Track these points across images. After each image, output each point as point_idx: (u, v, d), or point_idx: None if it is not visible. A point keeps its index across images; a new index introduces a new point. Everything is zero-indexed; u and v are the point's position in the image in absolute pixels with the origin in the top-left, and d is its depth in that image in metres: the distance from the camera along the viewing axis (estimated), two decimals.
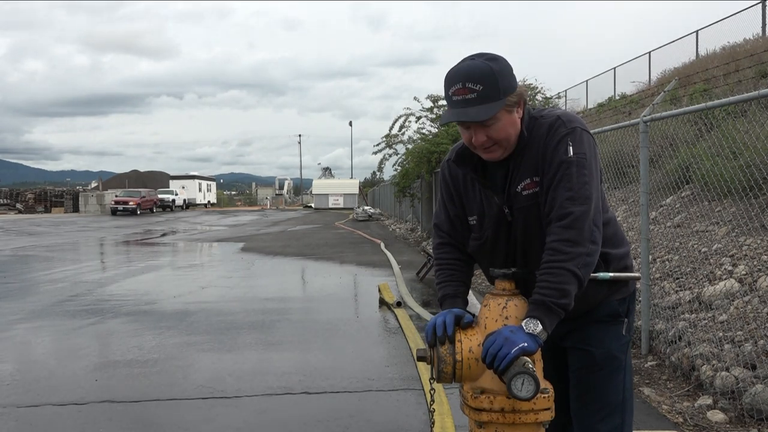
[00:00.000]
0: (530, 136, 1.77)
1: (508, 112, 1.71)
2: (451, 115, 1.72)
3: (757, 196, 5.58)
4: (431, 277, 9.53)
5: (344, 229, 23.87)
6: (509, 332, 1.58)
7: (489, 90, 1.66)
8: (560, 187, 1.67)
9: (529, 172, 1.76)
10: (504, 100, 1.68)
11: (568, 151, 1.69)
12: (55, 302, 7.85)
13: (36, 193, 46.35)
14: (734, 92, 8.10)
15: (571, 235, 1.63)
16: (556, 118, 1.76)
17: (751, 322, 4.21)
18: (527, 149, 1.77)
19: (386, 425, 3.66)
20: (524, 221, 1.79)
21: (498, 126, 1.71)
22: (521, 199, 1.77)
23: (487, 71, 1.68)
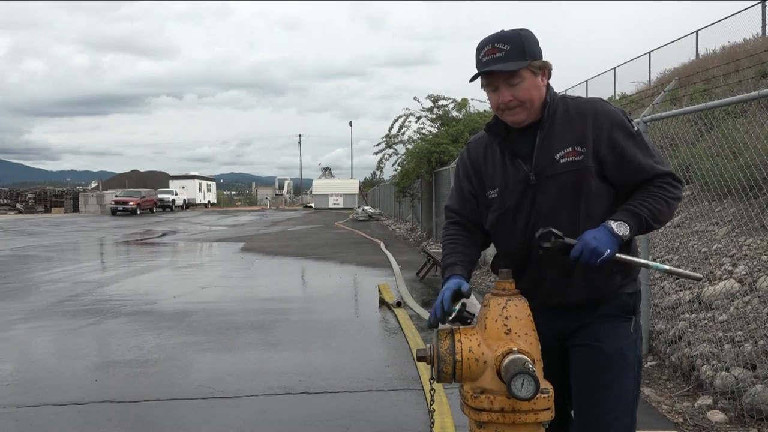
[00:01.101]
0: (565, 109, 1.89)
1: (533, 74, 1.83)
2: (480, 71, 1.84)
3: (757, 196, 5.58)
4: (431, 277, 9.54)
5: (344, 229, 23.87)
6: (599, 233, 1.73)
7: (515, 50, 1.80)
8: (642, 155, 1.83)
9: (571, 141, 1.84)
10: (529, 62, 1.81)
11: (633, 126, 1.87)
12: (55, 302, 7.85)
13: (36, 193, 46.35)
14: (734, 92, 8.10)
15: (674, 183, 1.84)
16: (600, 100, 1.92)
17: (751, 322, 4.21)
18: (563, 120, 1.87)
19: (386, 425, 3.66)
20: (556, 189, 1.84)
21: (523, 85, 1.82)
22: (558, 166, 1.84)
23: (513, 34, 1.83)
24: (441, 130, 16.37)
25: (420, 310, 6.90)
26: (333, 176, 65.51)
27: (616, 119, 1.85)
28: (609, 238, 1.72)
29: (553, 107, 1.89)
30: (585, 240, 1.72)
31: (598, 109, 1.87)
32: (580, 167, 1.82)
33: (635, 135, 1.85)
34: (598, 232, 1.73)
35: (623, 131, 1.84)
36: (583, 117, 1.86)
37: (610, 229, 1.73)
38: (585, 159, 1.82)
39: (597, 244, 1.71)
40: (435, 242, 15.40)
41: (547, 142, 1.86)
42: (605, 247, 1.71)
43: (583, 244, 1.72)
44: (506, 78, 1.82)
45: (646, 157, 1.84)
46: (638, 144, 1.84)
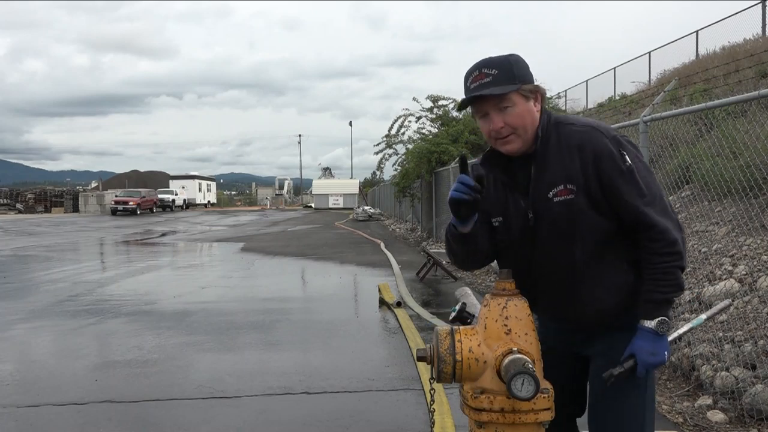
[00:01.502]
0: (557, 139, 1.78)
1: (524, 98, 1.76)
2: (468, 97, 1.78)
3: (757, 196, 5.58)
4: (431, 277, 9.54)
5: (344, 229, 23.87)
6: (652, 346, 1.71)
7: (503, 74, 1.74)
8: (633, 196, 1.71)
9: (561, 178, 1.75)
10: (519, 86, 1.74)
11: (625, 160, 1.72)
12: (55, 302, 7.85)
13: (36, 193, 46.35)
14: (734, 92, 8.10)
15: (667, 237, 1.71)
16: (591, 128, 1.77)
17: (751, 322, 4.21)
18: (555, 152, 1.77)
19: (386, 425, 3.66)
20: (553, 227, 1.78)
21: (515, 111, 1.75)
22: (552, 205, 1.76)
23: (501, 59, 1.77)
24: (441, 130, 16.37)
25: (420, 310, 6.90)
26: (333, 176, 65.51)
27: (605, 152, 1.73)
28: (659, 345, 1.72)
29: (546, 137, 1.79)
30: (645, 361, 1.71)
31: (586, 140, 1.75)
32: (573, 207, 1.74)
33: (624, 171, 1.72)
34: (649, 344, 1.71)
35: (611, 166, 1.72)
36: (571, 150, 1.76)
37: (655, 333, 1.71)
38: (577, 197, 1.74)
39: (656, 360, 1.72)
40: (435, 242, 15.39)
41: (541, 178, 1.79)
42: (662, 356, 1.72)
43: (645, 365, 1.72)
44: (496, 103, 1.75)
45: (635, 196, 1.72)
46: (628, 180, 1.72)
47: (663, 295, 1.71)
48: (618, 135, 1.78)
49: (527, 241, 1.83)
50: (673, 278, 1.72)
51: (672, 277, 1.71)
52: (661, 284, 1.71)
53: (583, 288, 1.81)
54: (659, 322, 1.71)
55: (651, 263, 1.73)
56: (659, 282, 1.71)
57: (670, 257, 1.71)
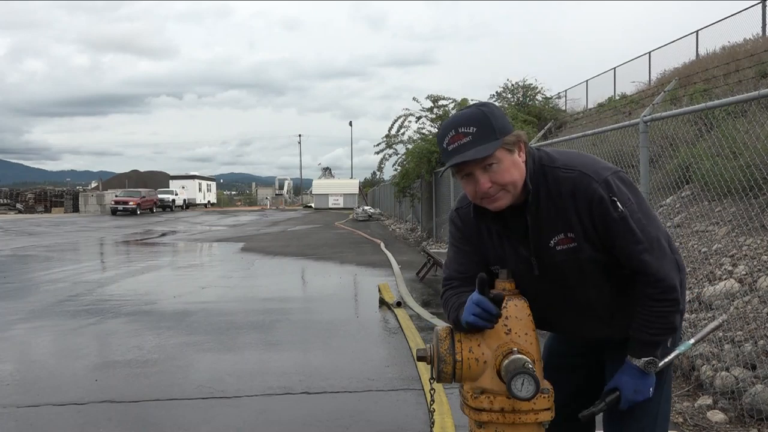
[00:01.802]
0: (547, 186, 1.69)
1: (508, 152, 1.64)
2: (450, 161, 1.65)
3: (757, 196, 5.57)
4: (431, 277, 9.54)
5: (344, 229, 23.87)
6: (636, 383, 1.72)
7: (483, 130, 1.61)
8: (628, 243, 1.64)
9: (560, 227, 1.69)
10: (501, 140, 1.62)
11: (617, 208, 1.63)
12: (55, 302, 7.85)
13: (36, 193, 46.34)
14: (734, 92, 8.10)
15: (664, 285, 1.66)
16: (580, 174, 1.67)
17: (751, 322, 4.21)
18: (547, 200, 1.69)
19: (386, 425, 3.66)
20: (562, 275, 1.73)
21: (501, 167, 1.63)
22: (556, 254, 1.71)
23: (476, 114, 1.63)
24: None
25: (420, 310, 6.90)
26: (333, 176, 65.52)
27: (595, 199, 1.63)
28: (644, 382, 1.72)
29: (536, 185, 1.69)
30: (628, 398, 1.73)
31: (577, 187, 1.65)
32: (580, 256, 1.69)
33: (617, 220, 1.63)
34: (634, 381, 1.72)
35: (604, 213, 1.64)
36: (564, 199, 1.67)
37: (641, 371, 1.71)
38: (579, 245, 1.68)
39: (639, 397, 1.73)
40: (435, 242, 15.39)
41: (539, 228, 1.71)
42: (646, 393, 1.73)
43: (628, 401, 1.73)
44: (479, 163, 1.62)
45: (630, 244, 1.64)
46: (622, 228, 1.64)
47: (651, 336, 1.69)
48: (609, 175, 1.66)
49: (532, 286, 1.77)
50: (666, 321, 1.69)
51: (665, 320, 1.68)
52: (653, 326, 1.69)
53: (603, 326, 1.81)
54: (647, 362, 1.70)
55: (645, 305, 1.69)
56: (651, 324, 1.68)
57: (667, 303, 1.67)
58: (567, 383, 1.92)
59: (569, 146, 8.73)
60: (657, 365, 1.71)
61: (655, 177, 7.54)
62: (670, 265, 1.66)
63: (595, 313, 1.79)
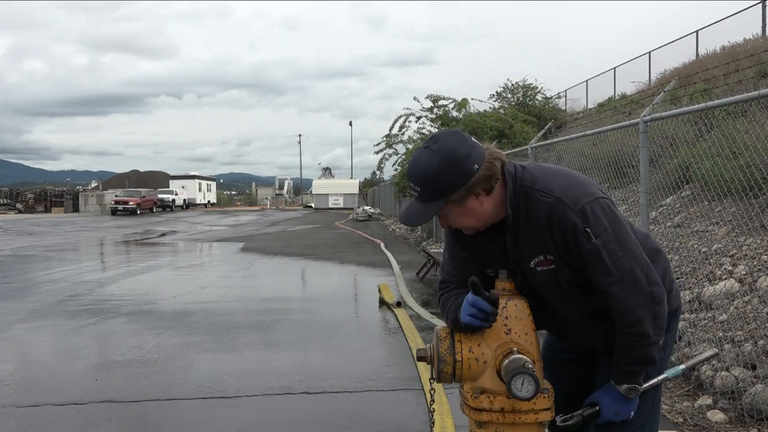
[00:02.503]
0: (527, 209, 1.68)
1: (457, 204, 1.65)
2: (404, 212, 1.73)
3: (757, 196, 5.57)
4: (431, 277, 9.54)
5: (344, 229, 23.87)
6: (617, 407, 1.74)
7: (426, 192, 1.64)
8: (598, 275, 1.64)
9: (539, 249, 1.69)
10: (444, 199, 1.63)
11: (590, 239, 1.61)
12: (55, 302, 7.85)
13: (36, 193, 46.34)
14: (734, 92, 8.10)
15: (629, 318, 1.64)
16: (556, 200, 1.64)
17: (751, 322, 4.21)
18: (526, 223, 1.69)
19: (386, 425, 3.66)
20: (544, 291, 1.77)
21: (451, 216, 1.70)
22: (537, 274, 1.73)
23: (423, 171, 1.63)
24: (441, 130, 16.36)
25: (420, 310, 6.90)
26: (333, 176, 65.51)
27: (569, 228, 1.62)
28: (625, 407, 1.74)
29: (516, 208, 1.69)
30: (605, 417, 1.75)
31: (552, 214, 1.64)
32: (559, 278, 1.71)
33: (590, 251, 1.62)
34: (615, 404, 1.74)
35: (576, 243, 1.63)
36: (540, 223, 1.67)
37: (623, 396, 1.73)
38: (558, 267, 1.70)
39: (618, 419, 1.75)
40: (435, 242, 15.39)
41: (518, 248, 1.73)
42: (626, 416, 1.75)
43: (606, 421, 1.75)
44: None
45: (600, 275, 1.64)
46: (593, 259, 1.63)
47: (629, 366, 1.70)
48: (586, 204, 1.63)
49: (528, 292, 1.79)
50: (638, 354, 1.68)
51: (636, 353, 1.68)
52: (627, 358, 1.69)
53: (586, 337, 1.86)
54: (628, 389, 1.72)
55: (619, 336, 1.69)
56: (625, 355, 1.69)
57: (633, 338, 1.65)
58: (568, 379, 1.93)
59: (569, 146, 8.73)
60: (638, 391, 1.73)
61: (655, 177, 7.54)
62: (640, 299, 1.62)
63: (581, 329, 1.84)
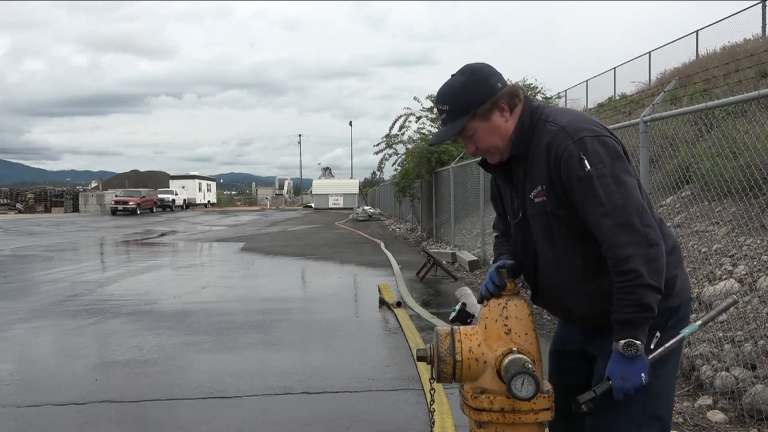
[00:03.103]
0: (538, 139, 1.74)
1: (483, 120, 1.76)
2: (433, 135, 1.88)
3: (757, 196, 5.57)
4: (431, 277, 9.54)
5: (344, 229, 23.87)
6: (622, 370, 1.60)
7: (454, 107, 1.77)
8: (589, 205, 1.62)
9: (539, 179, 1.73)
10: (472, 113, 1.74)
11: (584, 166, 1.61)
12: (55, 302, 7.85)
13: (36, 193, 46.35)
14: (734, 92, 8.10)
15: (617, 254, 1.59)
16: (560, 129, 1.69)
17: (751, 322, 4.21)
18: (535, 152, 1.75)
19: (386, 425, 3.66)
20: (536, 227, 1.79)
21: (477, 136, 1.78)
22: (533, 206, 1.77)
23: (450, 90, 1.79)
24: None
25: (420, 310, 6.90)
26: (333, 176, 65.49)
27: (563, 156, 1.64)
28: (631, 368, 1.60)
29: (528, 137, 1.77)
30: (617, 386, 1.62)
31: (553, 141, 1.68)
32: (546, 209, 1.73)
33: (582, 178, 1.61)
34: (619, 367, 1.61)
35: (569, 171, 1.64)
36: (542, 151, 1.72)
37: (623, 355, 1.60)
38: (549, 200, 1.71)
39: (628, 385, 1.61)
40: (435, 242, 15.39)
41: (527, 179, 1.78)
42: (635, 380, 1.60)
43: (619, 390, 1.62)
44: (460, 135, 1.81)
45: (590, 206, 1.62)
46: (584, 188, 1.62)
47: (624, 315, 1.59)
48: (587, 136, 1.65)
49: (521, 239, 1.88)
50: (632, 297, 1.58)
51: (631, 296, 1.58)
52: (621, 304, 1.60)
53: (566, 293, 1.79)
54: (626, 344, 1.59)
55: (614, 282, 1.62)
56: (620, 301, 1.60)
57: (623, 276, 1.58)
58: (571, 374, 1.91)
59: None
60: (637, 348, 1.59)
61: (655, 177, 7.54)
62: (630, 236, 1.58)
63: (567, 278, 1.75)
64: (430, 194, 16.73)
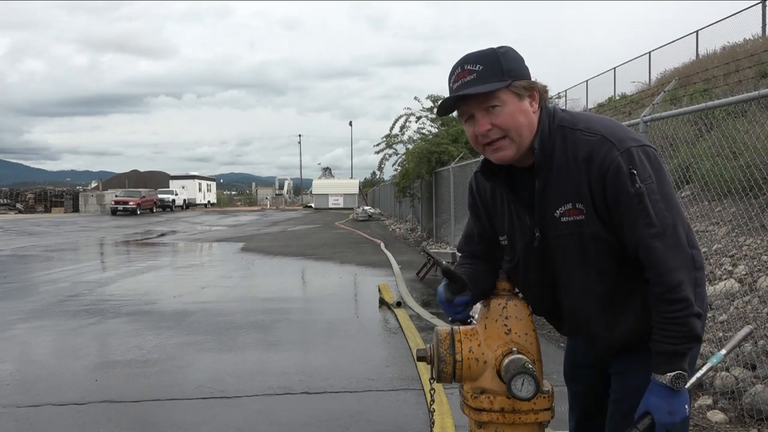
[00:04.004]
0: (564, 148, 1.55)
1: (515, 96, 1.52)
2: (449, 98, 1.56)
3: (757, 196, 5.58)
4: (431, 277, 9.54)
5: (344, 229, 23.87)
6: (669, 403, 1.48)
7: (489, 69, 1.50)
8: (639, 225, 1.47)
9: (569, 195, 1.54)
10: (509, 82, 1.50)
11: (635, 182, 1.46)
12: (55, 302, 7.85)
13: (36, 193, 46.35)
14: (734, 92, 8.10)
15: (668, 281, 1.46)
16: (600, 139, 1.51)
17: (751, 322, 4.21)
18: (562, 164, 1.55)
19: (386, 425, 3.66)
20: (561, 250, 1.59)
21: (504, 111, 1.51)
22: (560, 226, 1.56)
23: (487, 52, 1.53)
24: (441, 130, 16.37)
25: (420, 310, 6.90)
26: (333, 176, 65.49)
27: (612, 169, 1.48)
28: (678, 401, 1.48)
29: (550, 144, 1.55)
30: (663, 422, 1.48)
31: (595, 153, 1.50)
32: (584, 230, 1.54)
33: (633, 195, 1.46)
34: (665, 401, 1.47)
35: (617, 186, 1.48)
36: (578, 164, 1.52)
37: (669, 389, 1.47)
38: (587, 220, 1.53)
39: (677, 418, 1.48)
40: (435, 242, 15.39)
41: (547, 193, 1.57)
42: (682, 413, 1.48)
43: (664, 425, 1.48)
44: (482, 103, 1.52)
45: (640, 226, 1.47)
46: (635, 206, 1.47)
47: (673, 347, 1.46)
48: (633, 146, 1.50)
49: (533, 262, 1.67)
50: (682, 329, 1.46)
51: (679, 328, 1.46)
52: (671, 335, 1.47)
53: (596, 325, 1.64)
54: (674, 377, 1.46)
55: (658, 310, 1.49)
56: (668, 331, 1.47)
57: (676, 306, 1.45)
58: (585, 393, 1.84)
59: None
60: (686, 380, 1.48)
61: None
62: (682, 260, 1.47)
63: (595, 303, 1.61)
64: (430, 194, 16.73)
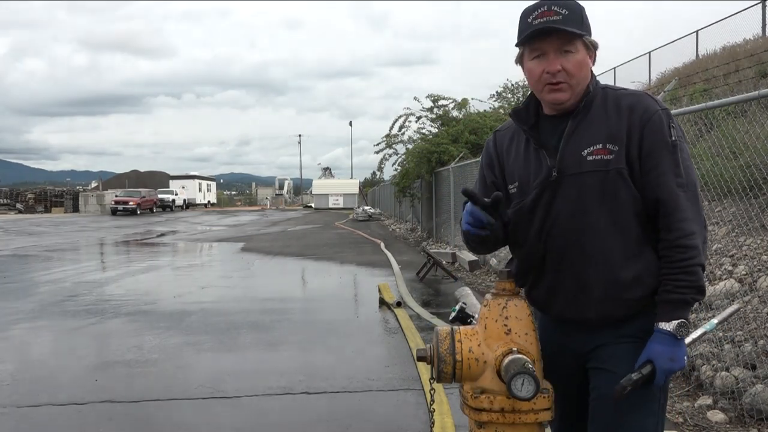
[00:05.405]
0: (604, 99, 1.68)
1: (586, 48, 1.66)
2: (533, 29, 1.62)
3: (757, 196, 5.57)
4: (431, 277, 9.54)
5: (344, 229, 23.87)
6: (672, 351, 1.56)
7: (574, 17, 1.61)
8: (669, 173, 1.59)
9: (602, 137, 1.63)
10: (585, 33, 1.64)
11: (672, 134, 1.61)
12: (55, 302, 7.85)
13: (36, 193, 46.36)
14: (734, 92, 8.10)
15: (684, 228, 1.58)
16: (644, 94, 1.70)
17: (751, 322, 4.21)
18: (600, 112, 1.67)
19: (386, 425, 3.66)
20: (578, 190, 1.65)
21: (575, 58, 1.63)
22: (585, 164, 1.64)
23: (572, 3, 1.64)
24: (441, 130, 16.38)
25: (420, 310, 6.90)
26: (333, 176, 65.47)
27: (654, 119, 1.61)
28: (679, 349, 1.57)
29: (592, 96, 1.69)
30: (665, 367, 1.57)
31: (637, 104, 1.64)
32: (609, 168, 1.62)
33: (669, 144, 1.60)
34: (668, 348, 1.56)
35: (657, 134, 1.61)
36: (620, 111, 1.64)
37: (674, 336, 1.56)
38: (615, 159, 1.61)
39: (676, 366, 1.57)
40: (435, 242, 15.39)
41: (578, 135, 1.66)
42: (681, 362, 1.57)
43: (665, 371, 1.57)
44: (560, 44, 1.62)
45: (670, 174, 1.59)
46: (670, 155, 1.60)
47: (682, 295, 1.57)
48: (667, 109, 1.67)
49: (541, 211, 1.69)
50: (691, 278, 1.57)
51: (689, 276, 1.57)
52: (679, 284, 1.57)
53: (597, 267, 1.65)
54: (679, 325, 1.56)
55: (669, 259, 1.59)
56: (677, 281, 1.57)
57: (687, 252, 1.57)
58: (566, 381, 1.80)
59: None
60: (689, 330, 1.57)
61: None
62: (697, 214, 1.60)
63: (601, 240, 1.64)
64: (430, 194, 16.73)
